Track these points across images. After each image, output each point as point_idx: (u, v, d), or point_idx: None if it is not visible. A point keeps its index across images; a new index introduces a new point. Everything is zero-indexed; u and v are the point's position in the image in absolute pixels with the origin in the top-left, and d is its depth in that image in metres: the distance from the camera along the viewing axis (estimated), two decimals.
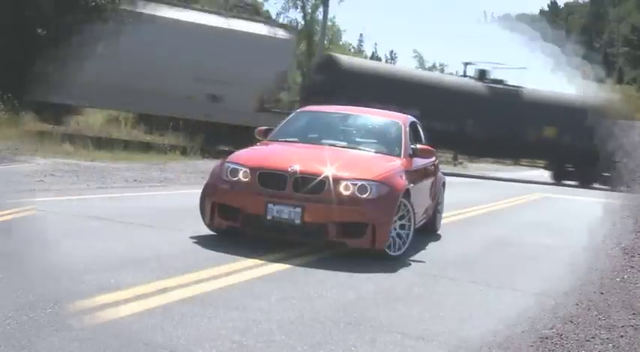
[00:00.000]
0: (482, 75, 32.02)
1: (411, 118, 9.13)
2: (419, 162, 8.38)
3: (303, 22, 48.20)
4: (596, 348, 4.72)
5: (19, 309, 4.30)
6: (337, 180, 6.85)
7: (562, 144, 29.66)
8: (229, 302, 4.96)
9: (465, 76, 33.94)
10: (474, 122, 29.38)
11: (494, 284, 6.59)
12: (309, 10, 49.49)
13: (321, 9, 46.61)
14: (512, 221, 12.99)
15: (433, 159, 9.06)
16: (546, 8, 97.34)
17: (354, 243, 6.93)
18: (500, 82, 31.61)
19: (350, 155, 7.77)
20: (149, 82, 22.11)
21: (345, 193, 6.83)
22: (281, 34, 26.66)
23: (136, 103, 23.33)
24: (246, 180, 7.04)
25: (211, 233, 7.44)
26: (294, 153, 7.55)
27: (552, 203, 19.37)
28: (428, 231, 9.26)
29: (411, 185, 7.54)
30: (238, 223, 7.07)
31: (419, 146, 8.44)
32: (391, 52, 56.97)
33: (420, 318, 5.09)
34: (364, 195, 6.84)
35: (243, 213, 7.00)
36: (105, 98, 22.68)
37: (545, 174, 33.81)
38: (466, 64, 36.19)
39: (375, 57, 73.02)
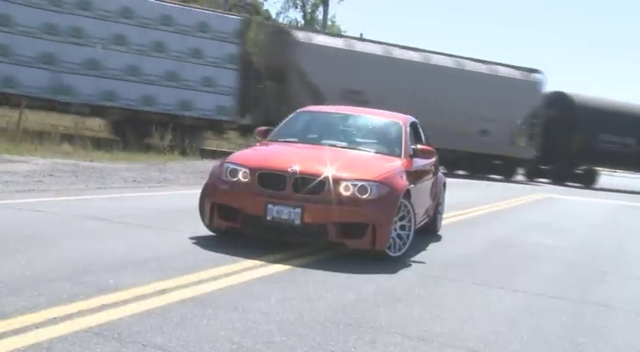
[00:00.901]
0: None
1: (411, 118, 9.11)
2: (419, 162, 8.35)
3: (303, 22, 48.26)
4: None
5: (19, 310, 4.27)
6: (337, 181, 6.82)
7: None
8: (229, 303, 4.93)
9: None
10: None
11: (495, 285, 6.56)
12: (309, 10, 49.57)
13: (321, 8, 46.71)
14: (513, 221, 12.97)
15: (434, 159, 9.03)
16: None
17: (354, 244, 6.90)
18: None
19: (350, 155, 7.74)
20: (435, 120, 26.50)
21: (345, 194, 6.80)
22: (532, 76, 31.19)
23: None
24: (246, 180, 7.01)
25: (211, 234, 7.41)
26: (293, 154, 7.51)
27: (553, 203, 19.36)
28: (428, 232, 9.24)
29: (412, 185, 7.51)
30: (238, 224, 7.04)
31: (419, 146, 8.41)
32: None
33: (421, 319, 5.07)
34: (364, 196, 6.81)
35: (243, 213, 6.97)
36: None
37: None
38: None
39: None
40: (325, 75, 26.03)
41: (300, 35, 26.75)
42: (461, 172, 29.58)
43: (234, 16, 25.87)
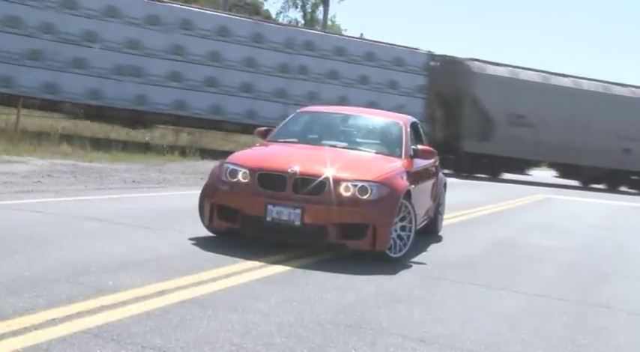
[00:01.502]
0: None
1: (411, 119, 9.08)
2: (420, 163, 8.33)
3: (303, 22, 48.30)
4: None
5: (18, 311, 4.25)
6: (337, 181, 6.79)
7: None
8: (229, 304, 4.91)
9: None
10: None
11: (496, 286, 6.54)
12: (309, 10, 49.62)
13: (321, 8, 46.73)
14: (514, 222, 12.94)
15: (434, 160, 9.01)
16: None
17: (355, 245, 6.87)
18: None
19: (350, 156, 7.71)
20: (586, 141, 31.04)
21: (346, 194, 6.77)
22: None
23: (566, 156, 31.38)
24: (246, 181, 6.98)
25: (210, 234, 7.39)
26: (294, 154, 7.49)
27: (554, 204, 19.33)
28: (429, 233, 9.22)
29: (412, 186, 7.49)
30: (238, 224, 7.02)
31: (420, 147, 8.39)
32: None
33: (421, 320, 5.04)
34: (365, 197, 6.79)
35: (243, 214, 6.94)
36: (546, 152, 31.29)
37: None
38: None
39: None
40: (495, 101, 29.94)
41: (475, 66, 30.46)
42: (599, 186, 32.61)
43: (423, 52, 29.49)
